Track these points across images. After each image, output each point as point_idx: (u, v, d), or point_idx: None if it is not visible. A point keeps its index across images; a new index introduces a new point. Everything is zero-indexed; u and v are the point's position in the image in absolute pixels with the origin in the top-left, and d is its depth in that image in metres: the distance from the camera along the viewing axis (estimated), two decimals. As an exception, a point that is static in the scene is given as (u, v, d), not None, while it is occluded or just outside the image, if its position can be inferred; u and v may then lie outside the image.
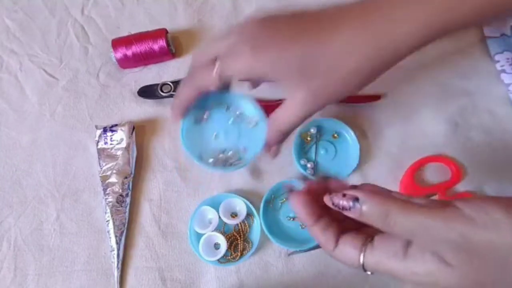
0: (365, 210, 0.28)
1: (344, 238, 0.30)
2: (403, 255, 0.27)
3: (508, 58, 0.53)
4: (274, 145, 0.39)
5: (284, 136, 0.38)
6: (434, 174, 0.50)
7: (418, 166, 0.49)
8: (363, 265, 0.29)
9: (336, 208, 0.29)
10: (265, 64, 0.33)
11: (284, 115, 0.36)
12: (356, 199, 0.28)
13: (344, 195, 0.29)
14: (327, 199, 0.30)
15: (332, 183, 0.32)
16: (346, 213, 0.29)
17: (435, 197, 0.48)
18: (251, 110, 0.42)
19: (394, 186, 0.49)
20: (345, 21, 0.32)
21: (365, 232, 0.30)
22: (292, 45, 0.33)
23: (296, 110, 0.35)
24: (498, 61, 0.53)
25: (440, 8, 0.31)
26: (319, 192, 0.31)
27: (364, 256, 0.29)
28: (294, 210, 0.31)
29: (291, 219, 0.48)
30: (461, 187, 0.49)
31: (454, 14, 0.32)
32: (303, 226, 0.47)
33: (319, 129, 0.50)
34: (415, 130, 0.51)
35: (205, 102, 0.41)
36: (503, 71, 0.52)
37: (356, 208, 0.28)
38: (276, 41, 0.33)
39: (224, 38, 0.35)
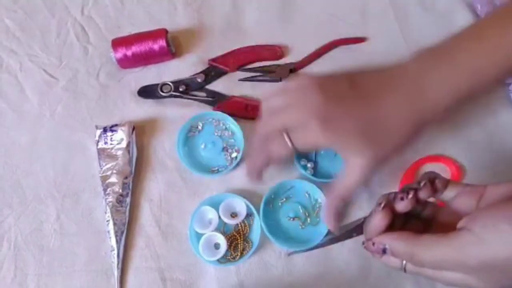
0: (394, 254, 0.33)
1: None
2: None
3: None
4: (333, 212, 0.41)
5: (345, 201, 0.40)
6: (434, 174, 0.50)
7: (418, 166, 0.49)
8: (404, 269, 0.34)
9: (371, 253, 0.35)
10: (333, 138, 0.37)
11: (349, 181, 0.39)
12: (384, 245, 0.33)
13: (373, 244, 0.34)
14: (364, 245, 0.36)
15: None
16: (379, 258, 0.35)
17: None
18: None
19: (394, 186, 0.49)
20: (390, 92, 0.38)
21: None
22: (356, 118, 0.37)
23: (360, 173, 0.38)
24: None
25: (468, 71, 0.37)
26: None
27: (406, 263, 0.34)
28: (373, 225, 0.34)
29: (291, 219, 0.48)
30: (461, 187, 0.49)
31: (481, 76, 0.38)
32: (303, 226, 0.47)
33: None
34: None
35: None
36: (503, 71, 0.52)
37: (387, 254, 0.33)
38: (341, 115, 0.37)
39: (291, 111, 0.38)
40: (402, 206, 0.33)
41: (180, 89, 0.53)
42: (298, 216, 0.48)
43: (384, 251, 0.33)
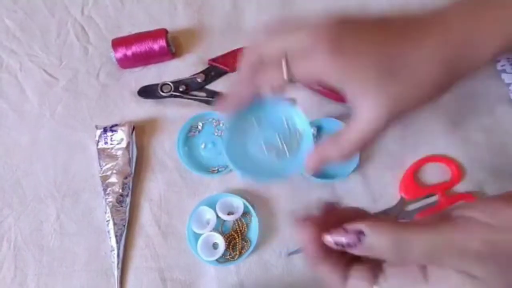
0: (373, 243, 0.25)
1: (353, 273, 0.28)
2: (423, 278, 0.25)
3: (508, 58, 0.53)
4: (319, 162, 0.33)
5: (343, 158, 0.32)
6: (434, 174, 0.50)
7: (418, 166, 0.49)
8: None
9: (340, 247, 0.26)
10: (343, 70, 0.29)
11: (356, 130, 0.30)
12: (360, 233, 0.25)
13: (345, 230, 0.26)
14: (327, 239, 0.27)
15: (341, 210, 0.29)
16: (351, 250, 0.26)
17: (435, 198, 0.48)
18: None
19: (394, 186, 0.49)
20: (428, 33, 0.31)
21: (371, 260, 0.27)
22: (373, 52, 0.30)
23: (373, 120, 0.29)
24: (498, 61, 0.53)
25: None
26: (327, 222, 0.28)
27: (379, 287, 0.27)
28: (301, 245, 0.29)
29: (263, 147, 0.38)
30: (461, 187, 0.49)
31: None
32: (278, 158, 0.38)
33: (319, 129, 0.50)
34: (415, 130, 0.51)
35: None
36: (504, 70, 0.52)
37: (363, 243, 0.25)
38: (357, 46, 0.30)
39: (295, 32, 0.31)
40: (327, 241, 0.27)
41: (180, 89, 0.53)
42: (272, 145, 0.38)
43: (359, 239, 0.25)
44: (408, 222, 0.26)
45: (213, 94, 0.54)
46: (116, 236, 0.47)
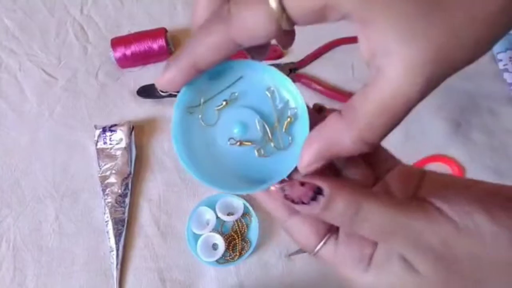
0: (329, 205, 0.21)
1: (299, 217, 0.23)
2: (366, 265, 0.23)
3: (510, 57, 0.52)
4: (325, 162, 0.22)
5: (371, 146, 0.20)
6: (435, 174, 0.49)
7: (420, 167, 0.49)
8: (315, 254, 0.23)
9: (289, 202, 0.22)
10: None
11: (381, 94, 0.19)
12: (318, 191, 0.21)
13: (302, 184, 0.21)
14: (276, 189, 0.22)
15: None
16: (301, 208, 0.21)
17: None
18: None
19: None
20: None
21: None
22: None
23: (407, 80, 0.18)
24: (500, 60, 0.53)
25: None
26: None
27: (323, 246, 0.23)
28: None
29: (236, 143, 0.24)
30: (462, 187, 0.48)
31: None
32: (262, 152, 0.24)
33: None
34: (416, 130, 0.51)
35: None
36: (506, 70, 0.52)
37: (318, 202, 0.21)
38: None
39: None
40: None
41: (180, 89, 0.53)
42: (250, 140, 0.24)
43: (314, 198, 0.21)
44: (371, 191, 0.23)
45: (213, 94, 0.54)
46: (115, 236, 0.47)
